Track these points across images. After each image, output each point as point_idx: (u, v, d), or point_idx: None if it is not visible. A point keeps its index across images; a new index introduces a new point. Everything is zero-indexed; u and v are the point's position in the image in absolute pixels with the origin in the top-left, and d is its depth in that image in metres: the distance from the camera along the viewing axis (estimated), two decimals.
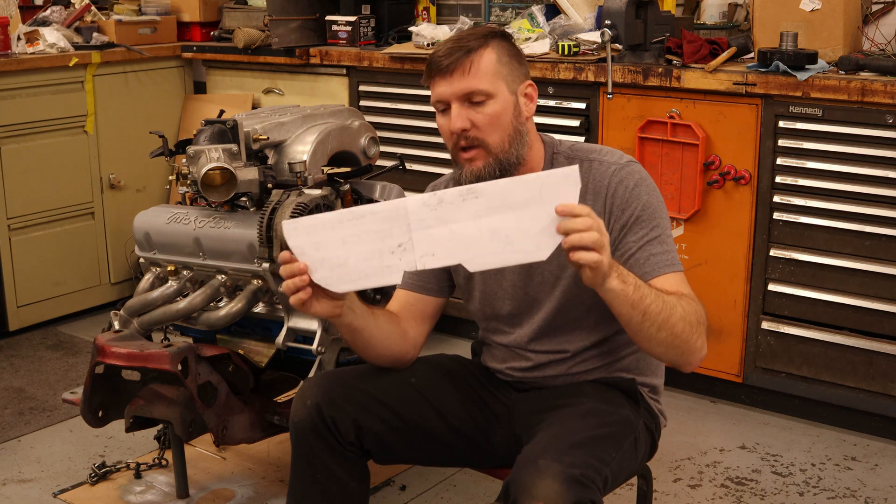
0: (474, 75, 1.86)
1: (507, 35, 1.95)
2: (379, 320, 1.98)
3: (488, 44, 1.88)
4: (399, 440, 2.01)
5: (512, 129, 1.90)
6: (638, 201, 1.89)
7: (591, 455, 1.76)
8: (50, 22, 4.15)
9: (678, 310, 1.77)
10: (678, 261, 1.89)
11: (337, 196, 2.65)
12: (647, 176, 1.95)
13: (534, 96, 1.94)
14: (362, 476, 2.02)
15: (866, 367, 3.03)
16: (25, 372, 3.66)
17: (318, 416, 1.93)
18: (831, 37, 3.05)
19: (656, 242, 1.87)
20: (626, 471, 1.94)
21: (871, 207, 2.93)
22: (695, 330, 1.79)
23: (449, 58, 1.87)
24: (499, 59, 1.89)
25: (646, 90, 3.23)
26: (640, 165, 1.96)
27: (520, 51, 1.96)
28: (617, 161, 1.94)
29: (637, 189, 1.90)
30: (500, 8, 4.15)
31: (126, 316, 2.60)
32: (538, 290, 2.00)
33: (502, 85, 1.88)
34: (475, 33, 1.91)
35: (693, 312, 1.80)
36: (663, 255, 1.87)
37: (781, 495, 2.80)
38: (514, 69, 1.91)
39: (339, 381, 1.99)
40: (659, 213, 1.91)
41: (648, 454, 2.06)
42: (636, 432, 1.94)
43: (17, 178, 3.86)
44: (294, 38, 4.04)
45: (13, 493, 2.85)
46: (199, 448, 2.99)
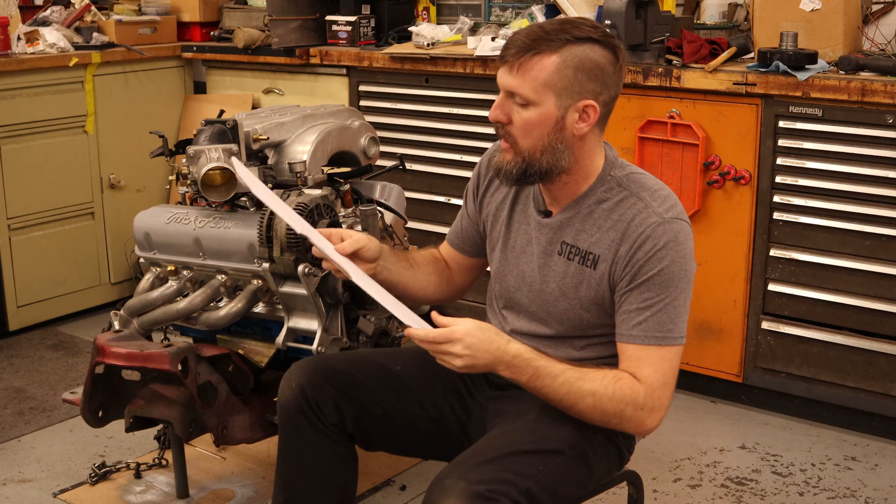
0: (523, 76, 1.81)
1: (606, 43, 1.82)
2: (417, 273, 2.13)
3: (562, 48, 1.79)
4: (379, 426, 2.05)
5: (546, 142, 1.83)
6: (658, 264, 1.81)
7: (504, 469, 1.76)
8: (50, 22, 4.15)
9: (588, 400, 1.80)
10: (675, 335, 1.82)
11: (337, 196, 2.65)
12: (685, 238, 1.84)
13: (591, 117, 1.83)
14: (348, 458, 2.06)
15: (866, 367, 3.03)
16: (25, 372, 3.66)
17: (303, 396, 1.99)
18: (831, 37, 3.05)
19: (656, 310, 1.82)
20: (575, 482, 1.90)
21: (871, 207, 2.93)
22: (611, 419, 1.81)
23: (514, 48, 1.81)
24: (560, 69, 1.79)
25: (646, 90, 3.23)
26: (685, 225, 1.85)
27: (603, 65, 1.82)
28: (662, 213, 1.84)
29: (663, 251, 1.81)
30: (500, 8, 4.15)
31: (126, 316, 2.60)
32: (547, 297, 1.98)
33: (550, 97, 1.80)
34: (564, 30, 1.80)
35: (614, 402, 1.79)
36: (656, 324, 1.81)
37: (781, 495, 2.80)
38: (578, 84, 1.80)
39: (324, 365, 2.04)
40: (676, 281, 1.82)
41: (617, 464, 2.02)
42: (583, 446, 1.89)
43: (17, 178, 3.86)
44: (294, 38, 4.04)
45: (13, 493, 2.85)
46: (199, 448, 2.99)
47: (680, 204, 1.89)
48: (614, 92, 1.88)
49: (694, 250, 1.87)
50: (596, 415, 1.81)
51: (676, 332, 1.83)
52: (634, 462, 2.96)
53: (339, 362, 2.07)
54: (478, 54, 3.51)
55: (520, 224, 2.01)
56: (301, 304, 2.48)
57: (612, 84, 1.86)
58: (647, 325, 1.82)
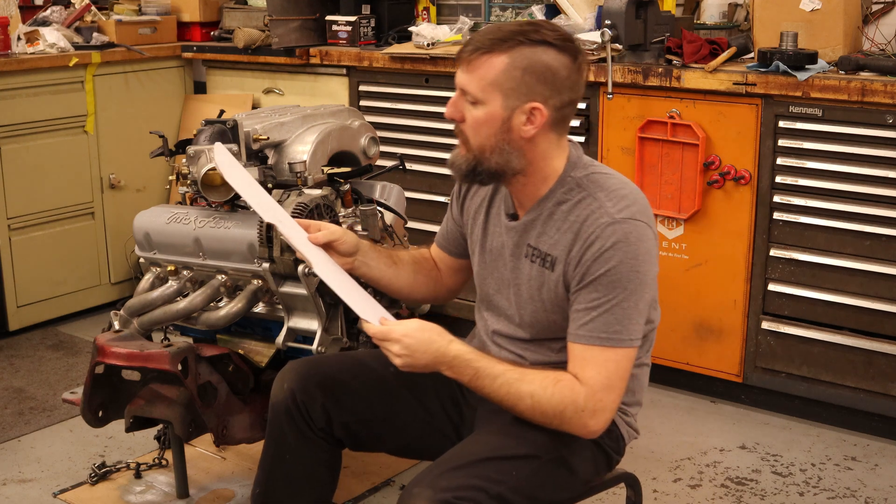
0: (473, 75, 1.82)
1: (562, 47, 1.81)
2: (400, 271, 2.13)
3: (513, 50, 1.79)
4: (369, 431, 2.07)
5: (494, 142, 1.83)
6: (605, 264, 1.80)
7: (473, 475, 1.76)
8: (50, 22, 4.15)
9: (527, 402, 1.80)
10: (622, 336, 1.80)
11: (337, 196, 2.65)
12: (637, 239, 1.81)
13: (538, 120, 1.81)
14: (332, 463, 2.08)
15: (866, 367, 3.03)
16: (25, 372, 3.66)
17: (292, 401, 2.00)
18: (831, 37, 3.05)
19: (603, 311, 1.80)
20: (555, 486, 1.89)
21: (871, 207, 2.93)
22: (552, 420, 1.81)
23: (470, 47, 1.83)
24: (508, 70, 1.79)
25: (646, 90, 3.23)
26: (639, 225, 1.82)
27: (556, 69, 1.80)
28: (613, 214, 1.81)
29: (611, 251, 1.80)
30: (500, 8, 4.15)
31: (126, 316, 2.60)
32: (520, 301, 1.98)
33: (497, 97, 1.80)
34: (520, 32, 1.80)
35: (553, 403, 1.79)
36: (603, 325, 1.80)
37: (781, 495, 2.80)
38: (525, 85, 1.79)
39: (316, 368, 2.05)
40: (625, 282, 1.79)
41: (605, 466, 2.02)
42: (561, 450, 1.88)
43: (17, 178, 3.86)
44: (294, 38, 4.04)
45: (13, 493, 2.85)
46: (199, 448, 2.99)
47: (639, 205, 1.85)
48: (568, 97, 1.84)
49: (652, 251, 1.84)
50: (536, 416, 1.81)
51: (625, 334, 1.81)
52: (634, 462, 2.97)
53: (332, 367, 2.07)
54: None
55: (494, 227, 2.01)
56: (301, 304, 2.48)
57: (564, 89, 1.82)
58: (593, 325, 1.80)
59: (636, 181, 3.28)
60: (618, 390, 1.82)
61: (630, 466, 2.94)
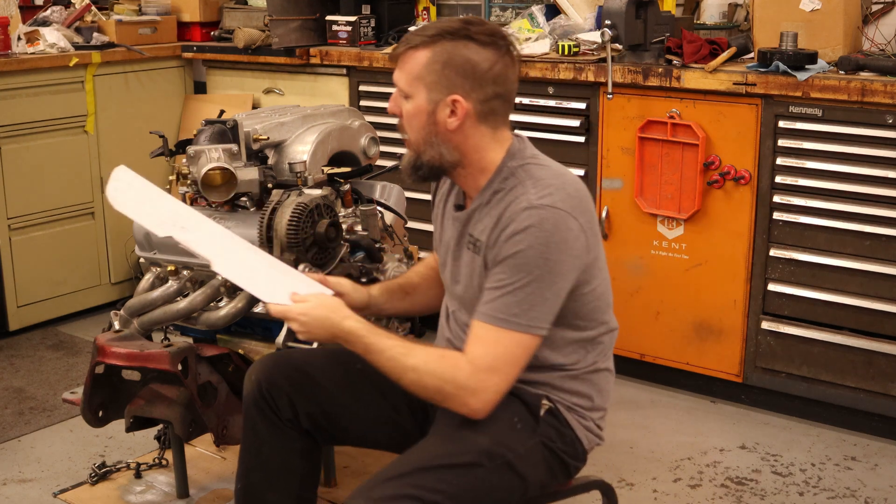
0: (402, 70, 1.88)
1: (486, 42, 1.84)
2: (415, 298, 2.21)
3: (434, 44, 1.84)
4: (334, 423, 2.10)
5: (424, 135, 1.89)
6: (515, 247, 1.80)
7: (409, 485, 1.77)
8: (50, 22, 4.15)
9: (410, 375, 1.84)
10: (520, 321, 1.79)
11: (337, 196, 2.65)
12: (553, 227, 1.79)
13: (460, 112, 1.85)
14: (308, 454, 2.10)
15: (866, 367, 3.03)
16: (25, 372, 3.66)
17: (259, 392, 2.06)
18: (831, 37, 3.05)
19: (504, 292, 1.80)
20: (502, 493, 1.89)
21: (871, 207, 2.93)
22: (434, 395, 1.83)
23: (399, 46, 1.90)
24: (429, 64, 1.84)
25: (646, 90, 3.23)
26: (559, 213, 1.80)
27: (477, 62, 1.84)
28: (533, 200, 1.82)
29: (522, 234, 1.80)
30: (500, 8, 4.15)
31: (126, 316, 2.60)
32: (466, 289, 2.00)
33: (422, 90, 1.86)
34: (437, 28, 1.85)
35: (435, 378, 1.81)
36: (502, 306, 1.80)
37: (781, 495, 2.80)
38: (446, 79, 1.84)
39: (283, 361, 2.11)
40: (531, 267, 1.78)
41: (563, 473, 2.01)
42: (506, 455, 1.88)
43: (17, 178, 3.86)
44: (294, 38, 4.04)
45: (13, 493, 2.85)
46: (199, 448, 2.99)
47: (565, 194, 1.84)
48: (492, 91, 1.86)
49: (570, 242, 1.81)
50: (419, 390, 1.84)
51: (523, 318, 1.80)
52: (634, 462, 2.97)
53: (299, 360, 2.11)
54: None
55: (446, 219, 2.06)
56: None
57: (486, 82, 1.85)
58: (493, 304, 1.81)
59: (636, 181, 3.29)
60: (504, 374, 1.82)
61: (630, 466, 2.95)
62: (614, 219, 3.38)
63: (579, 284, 1.88)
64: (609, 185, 3.37)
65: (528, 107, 3.48)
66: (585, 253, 1.85)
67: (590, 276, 1.90)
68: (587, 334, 1.98)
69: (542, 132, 3.46)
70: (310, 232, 2.44)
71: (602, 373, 2.03)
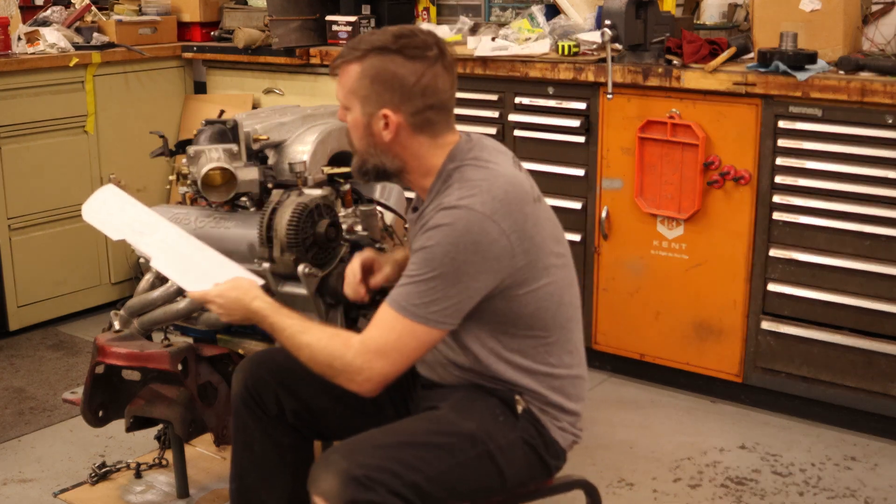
0: (339, 83, 1.93)
1: (411, 55, 1.86)
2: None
3: (364, 58, 1.87)
4: (317, 420, 2.13)
5: (365, 145, 1.93)
6: (426, 241, 1.83)
7: (391, 459, 1.79)
8: (50, 22, 4.15)
9: (305, 352, 1.91)
10: (418, 312, 1.81)
11: (337, 196, 2.65)
12: (465, 228, 1.80)
13: (393, 126, 1.88)
14: (298, 449, 2.12)
15: (866, 367, 3.03)
16: (25, 372, 3.66)
17: (245, 389, 2.11)
18: (831, 37, 3.05)
19: (409, 281, 1.83)
20: (480, 482, 1.91)
21: (871, 207, 2.93)
22: (325, 370, 1.90)
23: (335, 59, 1.93)
24: (360, 79, 1.88)
25: (646, 90, 3.23)
26: (475, 214, 1.81)
27: (403, 76, 1.86)
28: (453, 201, 1.83)
29: (434, 231, 1.82)
30: (500, 8, 4.15)
31: (126, 316, 2.60)
32: None
33: (356, 103, 1.90)
34: (368, 42, 1.88)
35: (325, 354, 1.88)
36: (404, 293, 1.83)
37: (781, 495, 2.80)
38: (375, 93, 1.87)
39: (268, 359, 2.15)
40: (436, 263, 1.80)
41: (542, 472, 2.02)
42: (488, 444, 1.90)
43: (17, 178, 3.86)
44: (294, 38, 4.05)
45: (13, 493, 2.85)
46: (199, 448, 2.99)
47: (488, 197, 1.83)
48: (422, 103, 1.88)
49: (484, 246, 1.80)
50: (314, 365, 1.90)
51: (422, 310, 1.81)
52: (634, 462, 2.97)
53: (283, 357, 2.12)
54: (478, 54, 3.51)
55: (409, 222, 2.09)
56: (301, 304, 2.48)
57: (415, 96, 1.87)
58: (398, 291, 1.84)
59: (636, 181, 3.29)
60: (391, 361, 1.84)
61: (630, 466, 2.96)
62: (614, 219, 3.38)
63: (510, 287, 1.87)
64: (609, 185, 3.37)
65: (528, 107, 3.48)
66: (508, 257, 1.84)
67: (526, 279, 1.89)
68: (544, 338, 1.96)
69: (542, 132, 3.47)
70: (310, 232, 2.44)
71: (568, 379, 2.02)
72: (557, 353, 1.98)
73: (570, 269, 2.01)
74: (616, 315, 3.46)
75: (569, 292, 1.99)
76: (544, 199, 1.99)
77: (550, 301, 1.93)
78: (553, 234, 1.95)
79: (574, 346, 2.02)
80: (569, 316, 1.99)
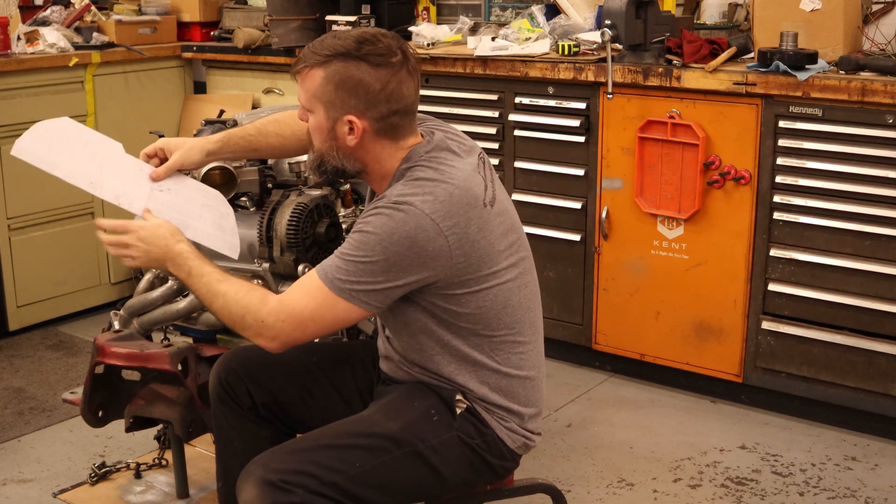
0: (301, 87, 1.93)
1: (375, 62, 1.87)
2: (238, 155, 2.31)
3: (328, 64, 1.88)
4: (287, 413, 2.15)
5: (326, 148, 1.94)
6: (362, 225, 1.85)
7: (308, 462, 1.82)
8: (50, 22, 4.15)
9: (219, 300, 1.92)
10: (338, 283, 1.83)
11: (337, 196, 2.65)
12: (402, 221, 1.82)
13: (358, 131, 1.89)
14: (276, 439, 2.13)
15: (866, 367, 3.03)
16: (25, 372, 3.66)
17: (220, 384, 2.14)
18: (831, 37, 3.05)
19: (342, 256, 1.85)
20: (412, 481, 1.93)
21: (871, 207, 2.93)
22: (236, 322, 1.92)
23: (297, 62, 1.94)
24: (324, 84, 1.89)
25: (646, 90, 3.23)
26: (411, 209, 1.83)
27: (367, 83, 1.87)
28: (394, 196, 1.85)
29: (372, 217, 1.85)
30: (500, 8, 4.15)
31: (126, 316, 2.60)
32: None
33: (320, 108, 1.91)
34: (331, 48, 1.88)
35: (239, 307, 1.90)
36: (330, 263, 1.86)
37: (781, 495, 2.80)
38: (339, 99, 1.88)
39: (242, 354, 2.18)
40: (366, 246, 1.83)
41: (489, 474, 2.03)
42: (415, 444, 1.92)
43: (17, 178, 3.86)
44: (294, 38, 4.04)
45: (13, 493, 2.85)
46: (199, 448, 2.99)
47: (434, 196, 1.85)
48: (386, 109, 1.89)
49: (420, 244, 1.82)
50: (225, 315, 1.92)
51: (346, 286, 1.83)
52: (634, 462, 2.97)
53: (255, 352, 2.15)
54: (478, 54, 3.51)
55: None
56: None
57: (380, 102, 1.89)
58: (328, 261, 1.87)
59: (636, 181, 3.29)
60: (304, 328, 1.87)
61: (630, 466, 2.96)
62: (614, 219, 3.38)
63: (448, 286, 1.89)
64: (609, 185, 3.37)
65: (528, 107, 3.48)
66: (445, 257, 1.85)
67: (466, 281, 1.90)
68: (487, 336, 1.97)
69: (542, 132, 3.47)
70: (310, 232, 2.44)
71: (518, 379, 2.02)
72: (504, 353, 1.99)
73: (527, 273, 2.02)
74: (616, 315, 3.46)
75: (520, 294, 1.99)
76: (509, 203, 2.01)
77: (494, 303, 1.94)
78: (507, 238, 1.95)
79: (525, 347, 2.02)
80: (517, 318, 1.99)
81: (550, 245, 3.53)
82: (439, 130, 2.01)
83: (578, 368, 3.64)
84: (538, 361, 2.06)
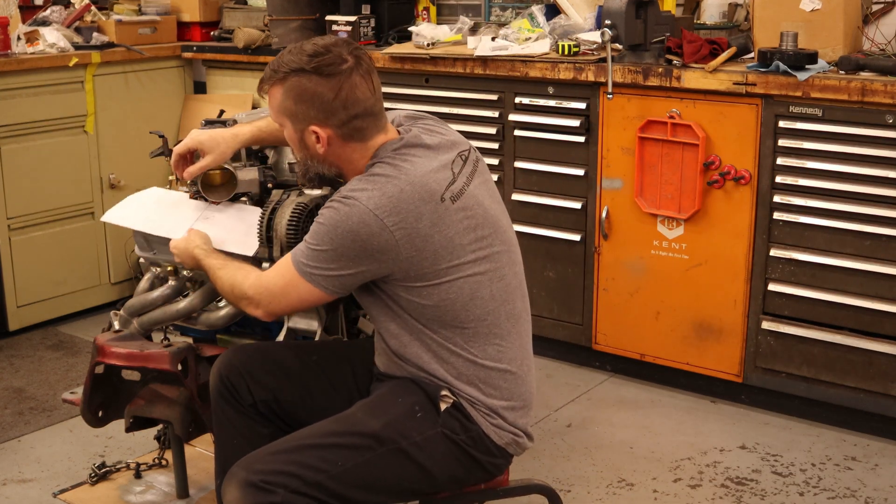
0: (269, 103, 2.06)
1: (323, 72, 1.96)
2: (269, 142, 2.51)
3: (285, 80, 1.99)
4: (286, 410, 2.18)
5: (304, 156, 2.07)
6: (318, 217, 1.98)
7: (289, 462, 1.87)
8: (50, 22, 4.15)
9: (219, 283, 2.17)
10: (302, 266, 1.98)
11: None
12: (345, 215, 1.92)
13: (324, 139, 2.00)
14: (276, 437, 2.12)
15: (866, 367, 3.03)
16: (25, 372, 3.66)
17: (220, 381, 2.18)
18: (831, 37, 3.05)
19: (306, 243, 1.99)
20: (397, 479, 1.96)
21: (871, 207, 2.93)
22: (228, 294, 2.15)
23: (261, 82, 2.05)
24: (284, 100, 2.01)
25: (646, 90, 3.23)
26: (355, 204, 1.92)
27: (321, 93, 1.97)
28: (343, 191, 1.97)
29: (325, 210, 1.97)
30: (500, 8, 4.15)
31: (126, 316, 2.60)
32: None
33: (287, 121, 2.04)
34: (286, 65, 1.99)
35: (229, 284, 2.13)
36: (301, 252, 2.00)
37: (781, 495, 2.80)
38: (301, 112, 2.00)
39: (243, 352, 2.23)
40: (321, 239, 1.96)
41: (479, 472, 2.04)
42: (398, 442, 1.94)
43: (17, 178, 3.86)
44: (294, 38, 4.04)
45: (13, 493, 2.85)
46: (199, 448, 2.99)
47: (382, 192, 1.92)
48: (345, 115, 1.99)
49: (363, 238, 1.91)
50: (222, 292, 2.17)
51: (307, 269, 1.98)
52: (634, 462, 2.97)
53: (256, 350, 2.22)
54: (478, 54, 3.51)
55: None
56: None
57: (337, 109, 1.98)
58: (299, 246, 2.02)
59: (636, 181, 3.29)
60: (277, 302, 2.05)
61: (630, 466, 2.96)
62: (614, 219, 3.38)
63: (405, 279, 1.95)
64: (609, 185, 3.37)
65: (528, 107, 3.48)
66: (392, 251, 1.92)
67: (424, 274, 1.94)
68: (459, 328, 1.99)
69: (542, 132, 3.47)
70: None
71: (496, 372, 2.03)
72: (479, 345, 2.01)
73: (504, 267, 2.04)
74: (616, 315, 3.46)
75: (492, 287, 2.01)
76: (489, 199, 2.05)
77: (459, 295, 1.97)
78: (475, 233, 1.98)
79: (503, 340, 2.03)
80: (489, 309, 2.01)
81: (550, 245, 3.53)
82: (420, 127, 2.06)
83: (578, 368, 3.64)
84: (521, 355, 2.07)
